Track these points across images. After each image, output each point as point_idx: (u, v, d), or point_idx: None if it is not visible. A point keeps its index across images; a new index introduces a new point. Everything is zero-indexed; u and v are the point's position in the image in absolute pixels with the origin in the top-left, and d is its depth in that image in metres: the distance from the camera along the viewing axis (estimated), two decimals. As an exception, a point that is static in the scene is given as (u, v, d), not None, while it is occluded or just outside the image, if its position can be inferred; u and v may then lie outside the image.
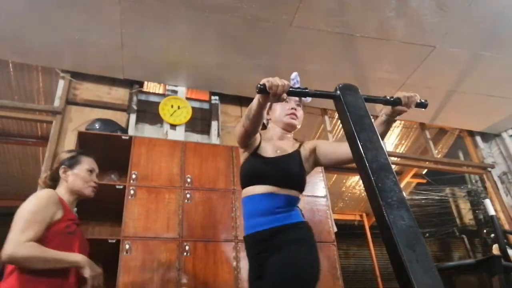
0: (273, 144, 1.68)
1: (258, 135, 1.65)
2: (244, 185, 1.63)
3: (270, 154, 1.63)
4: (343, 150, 1.53)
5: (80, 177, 1.76)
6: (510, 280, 2.09)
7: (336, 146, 1.61)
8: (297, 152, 1.65)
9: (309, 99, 1.73)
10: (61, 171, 1.75)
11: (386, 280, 5.82)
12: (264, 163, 1.60)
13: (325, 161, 1.64)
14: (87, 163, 1.81)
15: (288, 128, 1.73)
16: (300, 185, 1.60)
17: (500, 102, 3.85)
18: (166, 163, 2.69)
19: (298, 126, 1.76)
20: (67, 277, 1.53)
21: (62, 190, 1.72)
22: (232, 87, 3.65)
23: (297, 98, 1.75)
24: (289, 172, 1.58)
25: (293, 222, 1.54)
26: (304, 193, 1.67)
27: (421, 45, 3.14)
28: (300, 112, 1.77)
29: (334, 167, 1.72)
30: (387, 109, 1.39)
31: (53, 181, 1.78)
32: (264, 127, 1.77)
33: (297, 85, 1.63)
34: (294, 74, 1.67)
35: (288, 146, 1.69)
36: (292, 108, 1.72)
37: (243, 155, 1.68)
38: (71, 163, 1.78)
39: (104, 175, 2.86)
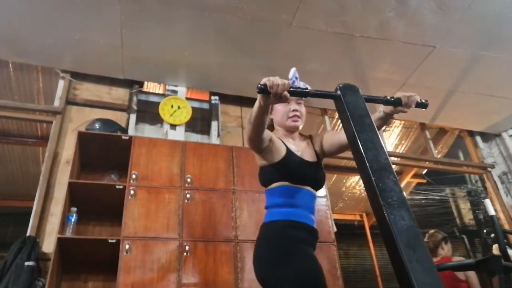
0: (293, 144, 1.67)
1: (275, 137, 1.60)
2: (281, 180, 1.57)
3: (301, 155, 1.64)
4: (344, 136, 1.56)
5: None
6: (510, 280, 2.09)
7: (337, 134, 1.66)
8: (318, 157, 1.69)
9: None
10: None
11: (386, 280, 5.81)
12: (306, 166, 1.61)
13: (330, 151, 1.69)
14: None
15: (292, 130, 1.72)
16: None
17: (500, 102, 3.85)
18: (166, 163, 2.68)
19: (301, 126, 1.75)
20: None
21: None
22: (232, 87, 3.65)
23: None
24: (323, 180, 1.68)
25: None
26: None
27: (421, 45, 3.13)
28: (302, 110, 1.75)
29: (338, 153, 1.76)
30: (386, 107, 1.40)
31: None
32: (272, 128, 1.76)
33: (296, 82, 1.62)
34: (292, 71, 1.62)
35: (305, 146, 1.71)
36: (293, 110, 1.69)
37: (262, 159, 1.61)
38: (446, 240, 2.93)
39: (104, 175, 2.86)
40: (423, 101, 1.34)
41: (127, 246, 2.30)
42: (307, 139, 1.76)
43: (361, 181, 1.40)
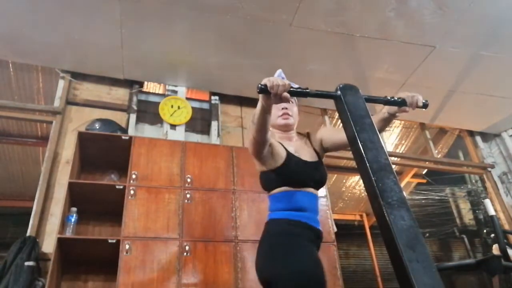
0: (291, 145, 1.65)
1: (274, 141, 1.58)
2: (284, 185, 1.56)
3: (303, 157, 1.62)
4: (344, 135, 1.57)
5: None
6: (510, 280, 2.09)
7: (338, 132, 1.65)
8: (318, 155, 1.69)
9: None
10: None
11: (386, 280, 5.82)
12: (307, 167, 1.60)
13: (331, 148, 1.70)
14: None
15: (284, 128, 1.71)
16: None
17: (500, 102, 3.85)
18: (166, 163, 2.68)
19: (294, 124, 1.74)
20: None
21: None
22: (232, 87, 3.65)
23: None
24: (325, 178, 1.69)
25: None
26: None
27: (421, 45, 3.13)
28: (294, 109, 1.74)
29: (339, 150, 1.77)
30: (390, 108, 1.40)
31: None
32: None
33: None
34: (277, 72, 1.64)
35: (303, 146, 1.70)
36: (283, 108, 1.69)
37: (262, 165, 1.60)
38: None
39: (104, 175, 2.87)
40: (424, 101, 1.34)
41: (127, 246, 2.30)
42: (304, 138, 1.75)
43: (361, 181, 1.41)
